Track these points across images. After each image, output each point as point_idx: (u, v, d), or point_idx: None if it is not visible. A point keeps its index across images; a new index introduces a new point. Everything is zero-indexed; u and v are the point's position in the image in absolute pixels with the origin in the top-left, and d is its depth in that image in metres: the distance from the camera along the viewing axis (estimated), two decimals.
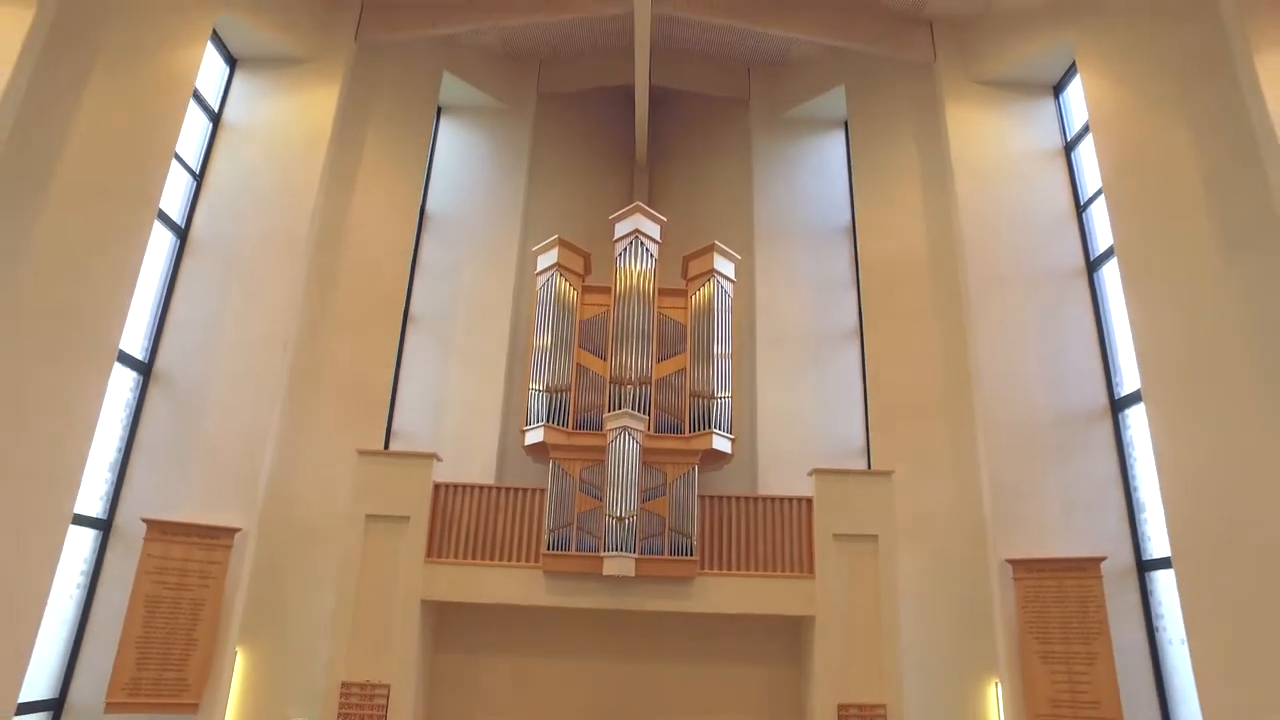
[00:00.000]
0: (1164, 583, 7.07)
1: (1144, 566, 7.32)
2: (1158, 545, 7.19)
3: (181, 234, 8.34)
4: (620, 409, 8.25)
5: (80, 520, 6.94)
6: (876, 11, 9.24)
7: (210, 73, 8.65)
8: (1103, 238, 8.17)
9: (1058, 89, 9.06)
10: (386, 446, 8.73)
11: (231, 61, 9.10)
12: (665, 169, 11.45)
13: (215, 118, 8.85)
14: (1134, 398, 7.49)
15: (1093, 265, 8.31)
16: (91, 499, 7.23)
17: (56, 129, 7.17)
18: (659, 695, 7.75)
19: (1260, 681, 5.90)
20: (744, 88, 10.99)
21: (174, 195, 8.18)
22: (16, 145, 6.86)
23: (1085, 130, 8.39)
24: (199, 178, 8.61)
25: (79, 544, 7.09)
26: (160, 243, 8.03)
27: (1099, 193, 8.02)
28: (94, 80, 7.49)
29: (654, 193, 11.28)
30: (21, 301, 6.68)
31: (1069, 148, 8.81)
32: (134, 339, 7.69)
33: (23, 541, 6.29)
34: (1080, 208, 8.58)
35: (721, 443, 8.29)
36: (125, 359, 7.49)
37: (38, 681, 6.58)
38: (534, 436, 8.28)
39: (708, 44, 10.62)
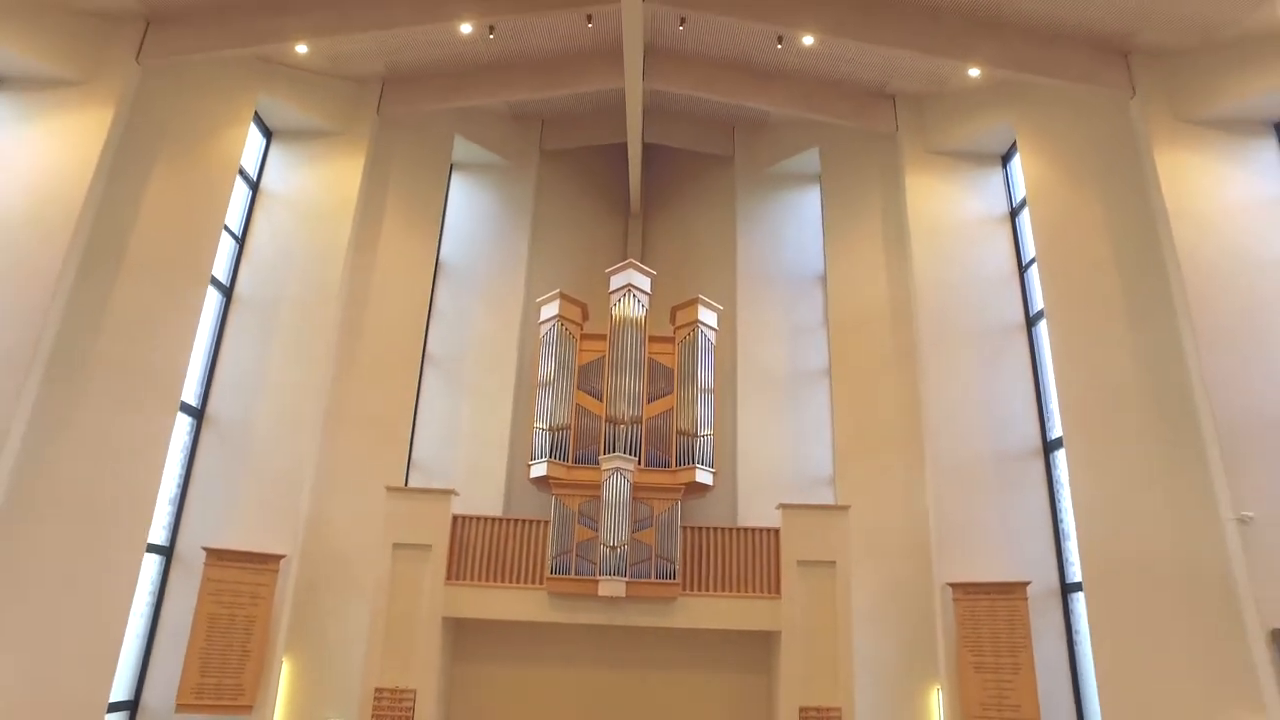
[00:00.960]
0: (1082, 603, 8.33)
1: (1066, 589, 8.60)
2: (1078, 571, 8.45)
3: (227, 293, 9.62)
4: (615, 447, 9.54)
5: (149, 548, 8.22)
6: (845, 88, 10.48)
7: (250, 145, 9.89)
8: (1040, 297, 9.40)
9: (1005, 159, 10.31)
10: (408, 478, 9.99)
11: (268, 134, 10.37)
12: (657, 218, 12.71)
13: (254, 186, 10.13)
14: (1061, 441, 8.73)
15: (1031, 321, 9.57)
16: (156, 529, 8.51)
17: (128, 210, 8.52)
18: (646, 699, 9.03)
19: (1149, 686, 7.20)
20: (729, 145, 12.24)
21: (220, 258, 9.43)
22: (99, 227, 8.19)
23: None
24: (241, 241, 9.89)
25: (147, 568, 8.38)
26: (209, 301, 9.28)
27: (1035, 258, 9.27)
28: (157, 165, 8.82)
29: (646, 241, 12.55)
30: (102, 362, 8.03)
31: (1013, 213, 10.07)
32: (188, 387, 8.95)
33: (107, 568, 7.62)
34: (1022, 269, 9.84)
35: (704, 475, 9.57)
36: (182, 406, 8.76)
37: (117, 686, 7.86)
38: (538, 470, 9.56)
39: (696, 106, 11.86)
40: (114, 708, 7.82)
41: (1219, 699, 6.93)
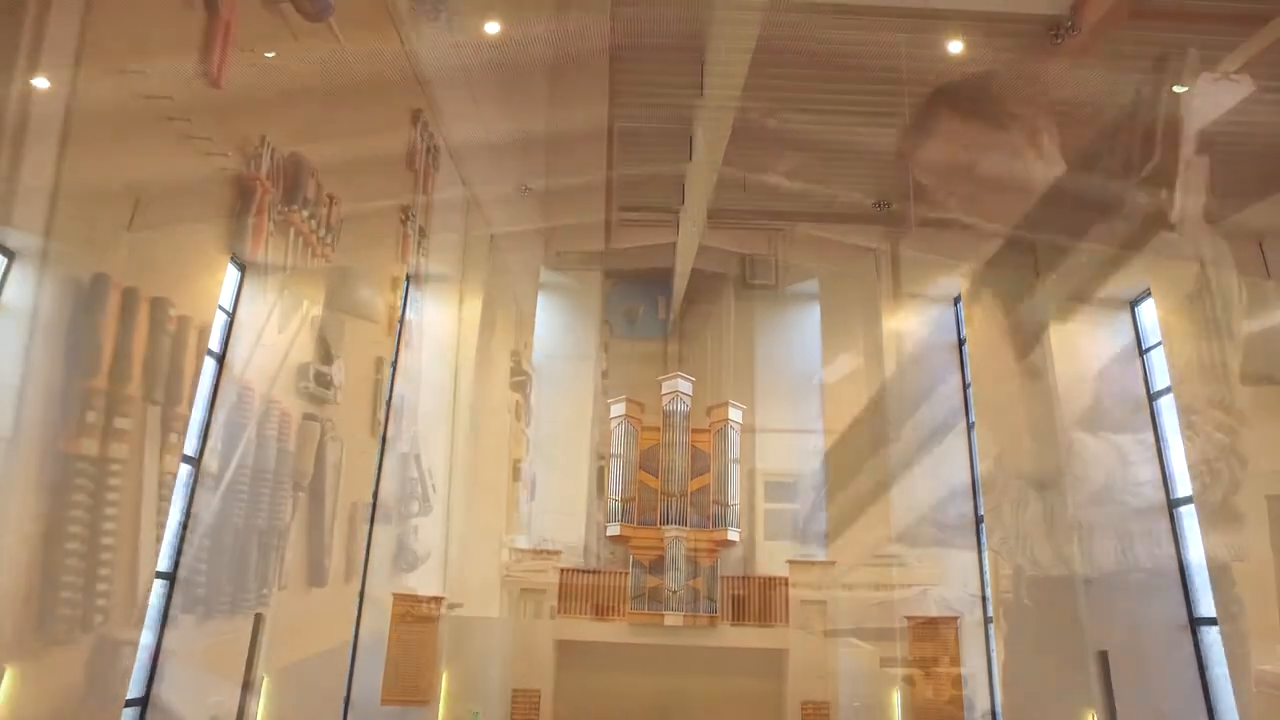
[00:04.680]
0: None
1: (987, 621, 12.97)
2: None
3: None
4: (669, 513, 13.82)
5: None
6: (839, 244, 14.72)
7: None
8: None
9: (956, 300, 14.58)
10: (515, 538, 14.30)
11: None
12: (692, 327, 17.04)
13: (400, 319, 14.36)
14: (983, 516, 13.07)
15: (970, 426, 13.88)
16: None
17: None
18: (696, 696, 13.39)
19: (1031, 688, 11.55)
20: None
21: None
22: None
23: None
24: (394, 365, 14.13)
25: None
26: None
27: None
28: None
29: (684, 345, 16.88)
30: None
31: (960, 344, 14.36)
32: None
33: (340, 610, 11.92)
34: (965, 387, 14.13)
35: (733, 534, 13.91)
36: None
37: None
38: (613, 530, 13.90)
39: None
40: None
41: (1073, 696, 11.28)
